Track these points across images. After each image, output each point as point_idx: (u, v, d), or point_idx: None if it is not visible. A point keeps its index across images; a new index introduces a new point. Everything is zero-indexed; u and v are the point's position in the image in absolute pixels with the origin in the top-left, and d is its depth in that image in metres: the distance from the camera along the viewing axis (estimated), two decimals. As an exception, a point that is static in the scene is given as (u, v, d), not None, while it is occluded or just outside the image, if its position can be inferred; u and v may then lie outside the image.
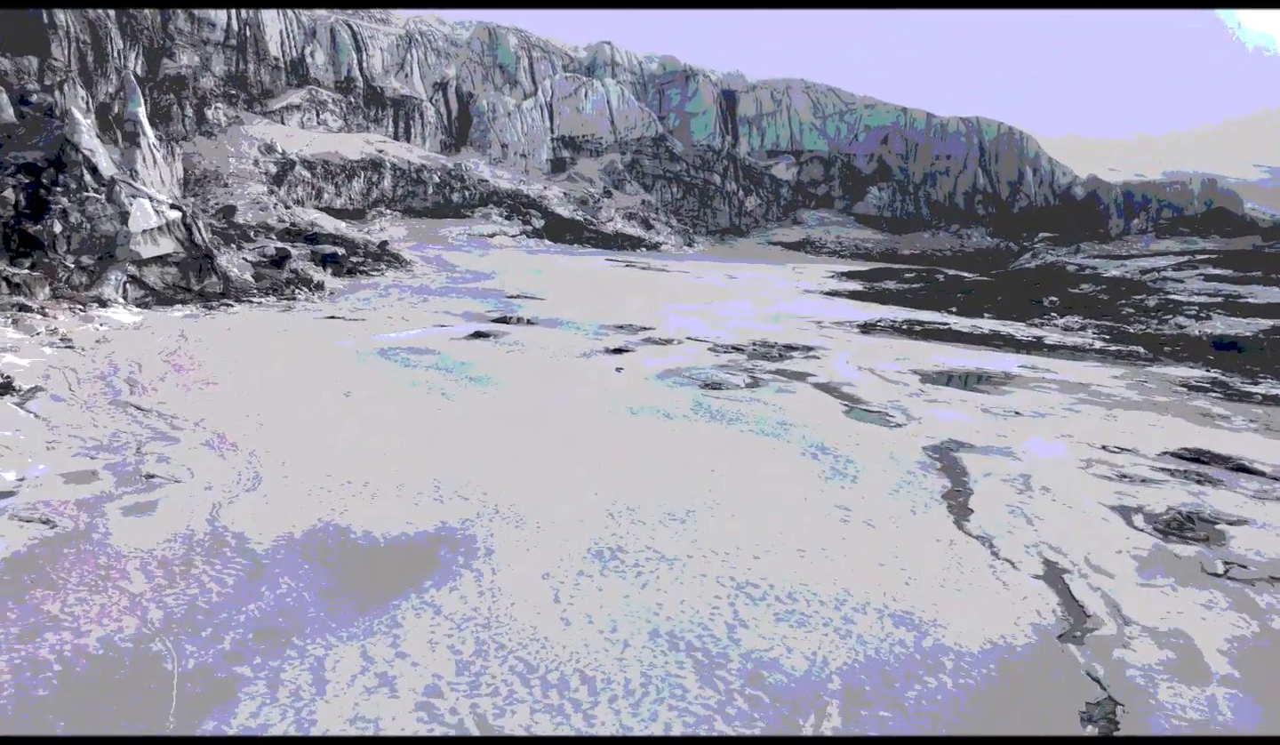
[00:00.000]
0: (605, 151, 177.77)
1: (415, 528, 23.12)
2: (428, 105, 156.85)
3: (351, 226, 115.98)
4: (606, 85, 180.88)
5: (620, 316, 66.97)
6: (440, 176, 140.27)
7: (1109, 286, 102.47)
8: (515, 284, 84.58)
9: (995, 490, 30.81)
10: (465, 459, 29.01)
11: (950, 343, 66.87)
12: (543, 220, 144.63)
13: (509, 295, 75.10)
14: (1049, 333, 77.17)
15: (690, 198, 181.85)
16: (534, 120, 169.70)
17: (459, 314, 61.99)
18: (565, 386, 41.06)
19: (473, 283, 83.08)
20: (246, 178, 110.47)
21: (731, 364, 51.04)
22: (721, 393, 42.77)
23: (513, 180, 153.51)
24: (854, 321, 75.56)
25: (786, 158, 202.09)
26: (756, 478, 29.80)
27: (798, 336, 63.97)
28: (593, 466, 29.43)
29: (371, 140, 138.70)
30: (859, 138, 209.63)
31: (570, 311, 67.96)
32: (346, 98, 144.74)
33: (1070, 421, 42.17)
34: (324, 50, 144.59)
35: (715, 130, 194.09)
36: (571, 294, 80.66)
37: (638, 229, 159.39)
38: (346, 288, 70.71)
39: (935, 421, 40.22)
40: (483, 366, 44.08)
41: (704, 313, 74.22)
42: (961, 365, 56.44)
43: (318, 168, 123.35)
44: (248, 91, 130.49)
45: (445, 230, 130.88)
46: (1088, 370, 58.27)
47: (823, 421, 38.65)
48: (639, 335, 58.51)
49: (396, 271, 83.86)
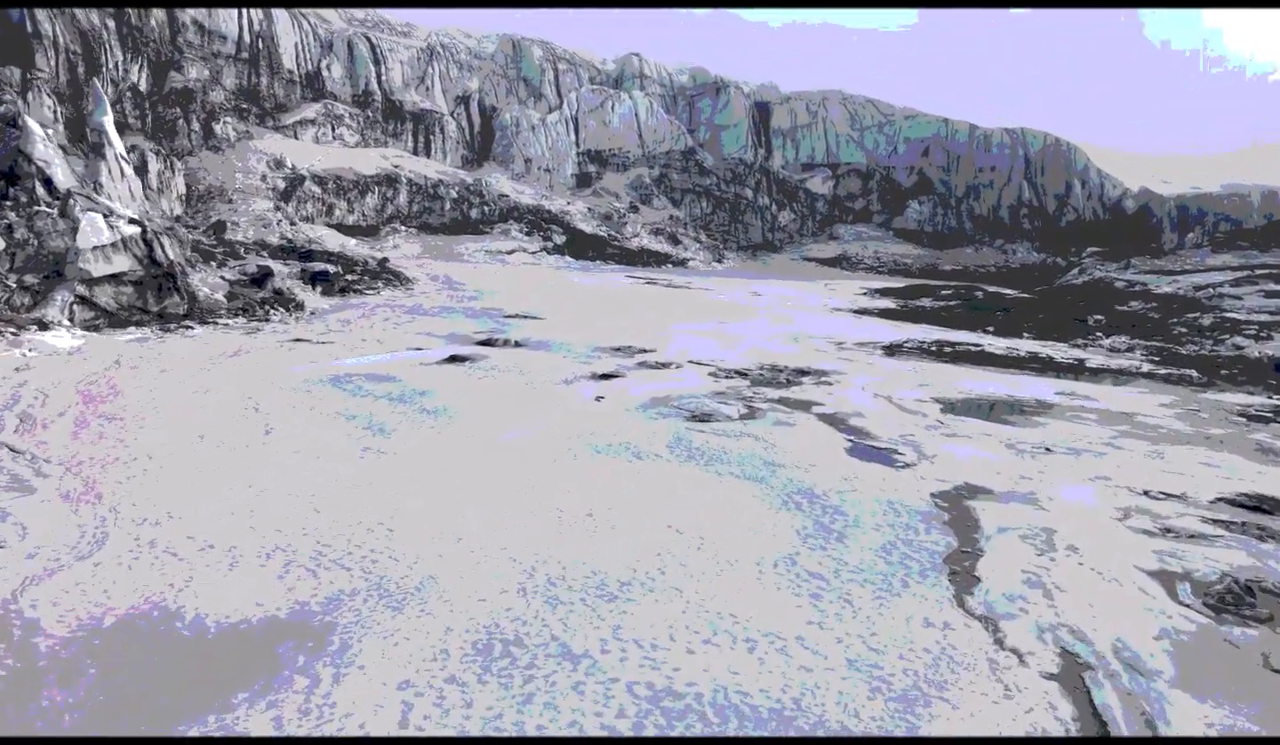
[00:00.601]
0: (632, 166, 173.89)
1: (264, 610, 18.74)
2: (449, 119, 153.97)
3: (363, 243, 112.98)
4: (634, 97, 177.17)
5: (622, 337, 62.59)
6: (458, 192, 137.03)
7: (1160, 304, 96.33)
8: (520, 303, 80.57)
9: (1010, 550, 25.88)
10: (368, 513, 24.65)
11: (982, 366, 61.64)
12: (565, 236, 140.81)
13: (508, 315, 71.04)
14: (1092, 355, 71.57)
15: (721, 212, 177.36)
16: (559, 134, 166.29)
17: (443, 335, 57.91)
18: (528, 420, 36.66)
19: (474, 301, 79.15)
20: (252, 193, 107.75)
21: (730, 391, 46.39)
22: (709, 426, 38.13)
23: (535, 195, 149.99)
24: (879, 342, 70.54)
25: (822, 171, 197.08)
26: (720, 536, 25.14)
27: (813, 359, 59.13)
28: (524, 522, 24.94)
29: (388, 155, 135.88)
30: (898, 150, 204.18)
31: (569, 332, 63.72)
32: (364, 112, 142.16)
33: (1108, 460, 36.99)
34: (341, 63, 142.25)
35: (747, 143, 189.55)
36: (577, 313, 76.47)
37: (664, 245, 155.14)
38: (332, 307, 67.00)
39: (950, 460, 35.28)
40: (444, 396, 39.81)
41: (715, 333, 69.60)
42: (990, 392, 51.28)
43: (329, 183, 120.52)
44: (260, 105, 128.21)
45: (462, 247, 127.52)
46: (1133, 397, 52.84)
47: (819, 461, 33.88)
48: (635, 358, 54.05)
49: (394, 290, 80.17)
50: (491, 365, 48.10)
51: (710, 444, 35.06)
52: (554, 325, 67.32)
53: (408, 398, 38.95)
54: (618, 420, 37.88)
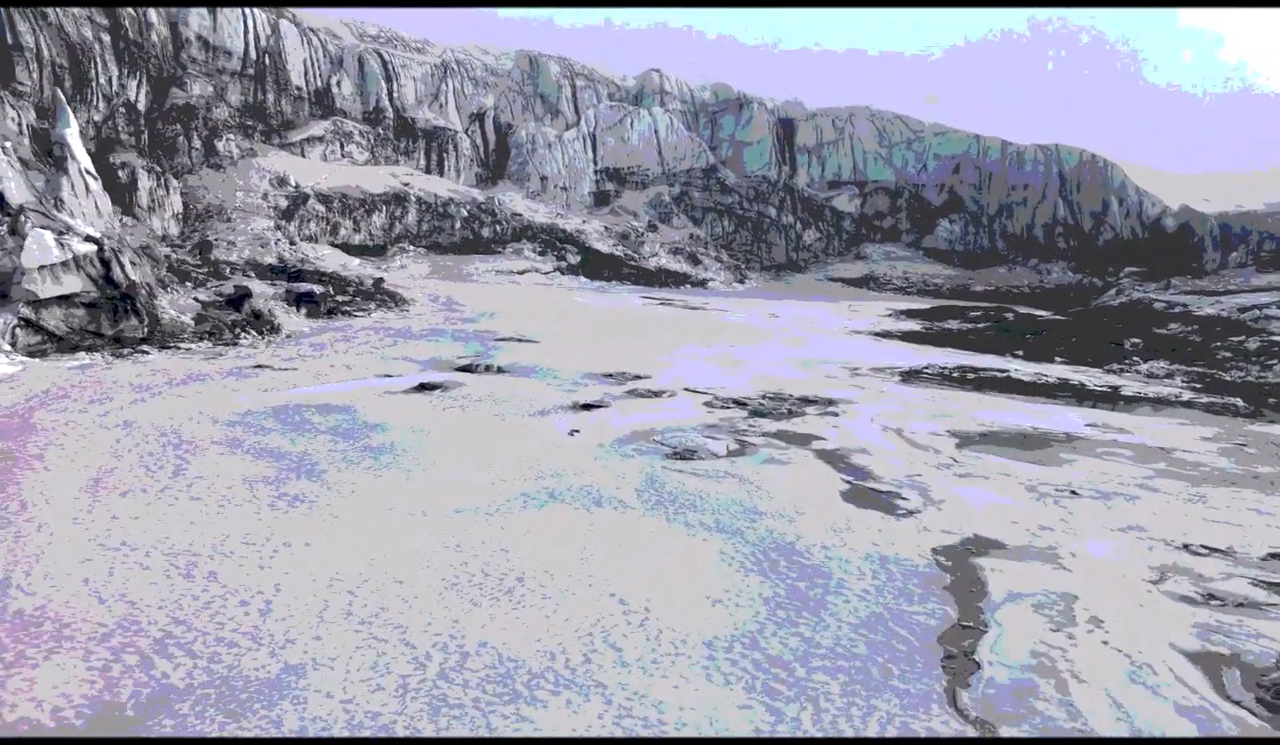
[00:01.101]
0: (652, 183, 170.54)
1: (60, 716, 15.11)
2: (463, 137, 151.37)
3: (368, 263, 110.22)
4: (654, 114, 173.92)
5: (619, 362, 58.85)
6: (469, 210, 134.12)
7: (1201, 326, 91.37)
8: (520, 325, 77.13)
9: (1020, 624, 21.84)
10: (249, 580, 20.99)
11: (1007, 394, 57.34)
12: (579, 256, 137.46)
13: (501, 338, 67.52)
14: (1128, 381, 66.98)
15: (743, 231, 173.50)
16: (576, 151, 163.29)
17: (423, 360, 54.45)
18: (483, 459, 32.98)
19: (470, 323, 75.79)
20: (253, 212, 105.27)
21: (723, 423, 42.49)
22: (690, 465, 34.27)
23: (549, 214, 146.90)
24: (896, 368, 66.36)
25: (849, 189, 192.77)
26: (671, 607, 21.28)
27: (822, 386, 55.10)
28: (437, 592, 21.19)
29: (397, 173, 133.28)
30: (928, 167, 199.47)
31: (563, 356, 60.09)
32: (375, 129, 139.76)
33: (1142, 504, 32.76)
34: (351, 80, 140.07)
35: (771, 160, 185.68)
36: (578, 336, 72.89)
37: (684, 264, 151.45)
38: (312, 330, 63.79)
39: (960, 506, 31.23)
40: (396, 430, 36.21)
41: (721, 357, 65.70)
42: (1014, 424, 47.02)
43: (335, 202, 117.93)
44: (266, 122, 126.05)
45: (472, 266, 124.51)
46: (1171, 429, 48.39)
47: (808, 507, 29.94)
48: (626, 386, 50.29)
49: (387, 311, 76.97)
50: (463, 394, 44.50)
51: (686, 487, 31.21)
52: (548, 349, 63.75)
53: (355, 433, 35.40)
54: (587, 459, 34.10)
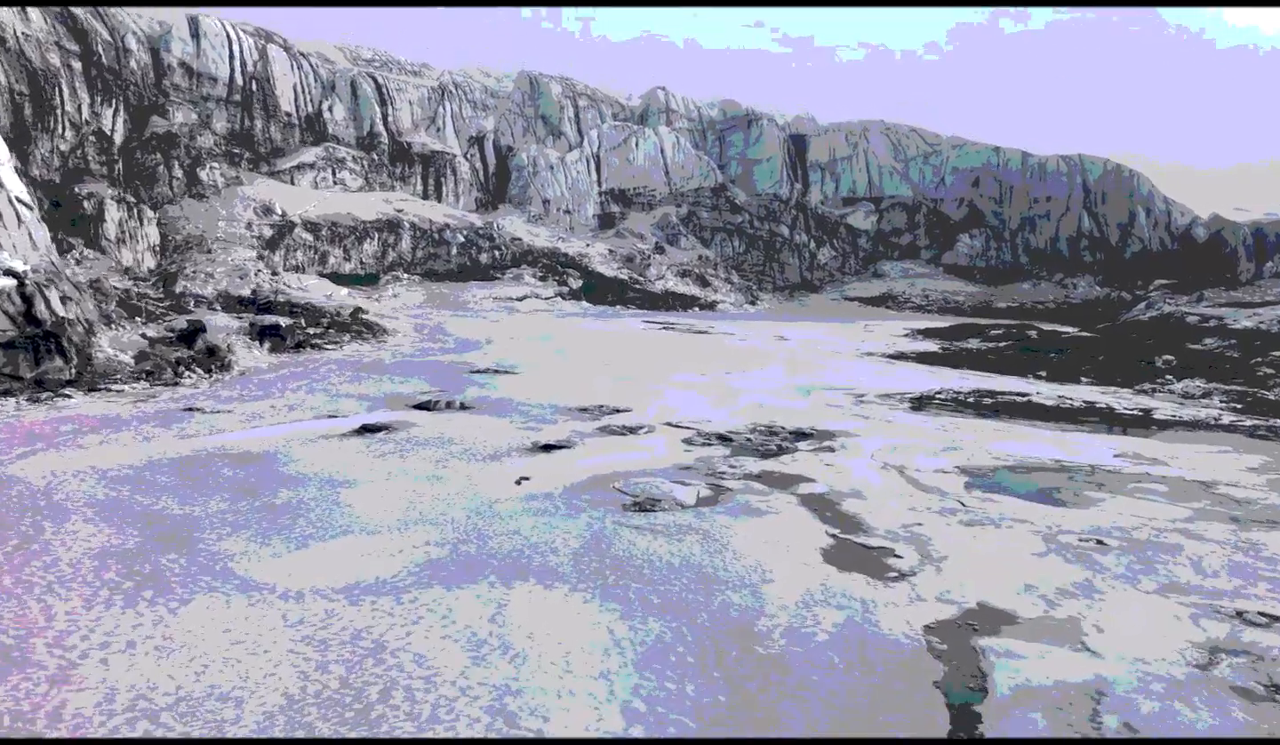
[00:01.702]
0: (659, 204, 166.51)
1: None
2: (462, 161, 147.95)
3: (358, 293, 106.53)
4: (660, 133, 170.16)
5: (601, 394, 54.31)
6: (466, 236, 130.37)
7: (1240, 341, 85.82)
8: (505, 354, 72.81)
9: (1029, 737, 16.94)
10: None
11: (1027, 421, 52.28)
12: (581, 280, 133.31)
13: (478, 370, 63.12)
14: (1161, 403, 61.70)
15: (754, 251, 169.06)
16: (579, 173, 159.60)
17: (380, 397, 50.07)
18: (406, 519, 28.39)
19: (450, 354, 71.49)
20: (235, 242, 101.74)
21: (700, 464, 37.77)
22: (649, 519, 29.56)
23: (551, 238, 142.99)
24: (906, 394, 61.41)
25: (865, 205, 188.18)
26: (576, 730, 16.52)
27: (822, 417, 50.27)
28: (243, 734, 16.54)
29: (390, 199, 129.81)
30: (946, 181, 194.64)
31: (540, 388, 55.60)
32: (369, 155, 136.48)
33: (1183, 556, 27.72)
34: (343, 104, 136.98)
35: (782, 178, 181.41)
36: (565, 364, 68.44)
37: (692, 287, 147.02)
38: (271, 366, 59.59)
39: (965, 563, 26.33)
40: (314, 485, 31.67)
41: (715, 385, 61.00)
42: (1033, 456, 41.99)
43: (323, 230, 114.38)
44: (254, 150, 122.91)
45: (468, 294, 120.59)
46: (1212, 458, 43.19)
47: (779, 571, 25.15)
48: (601, 420, 45.68)
49: (362, 343, 72.80)
50: (409, 438, 39.99)
51: (636, 549, 26.47)
52: (528, 380, 59.28)
53: (262, 488, 30.91)
54: (526, 515, 29.44)
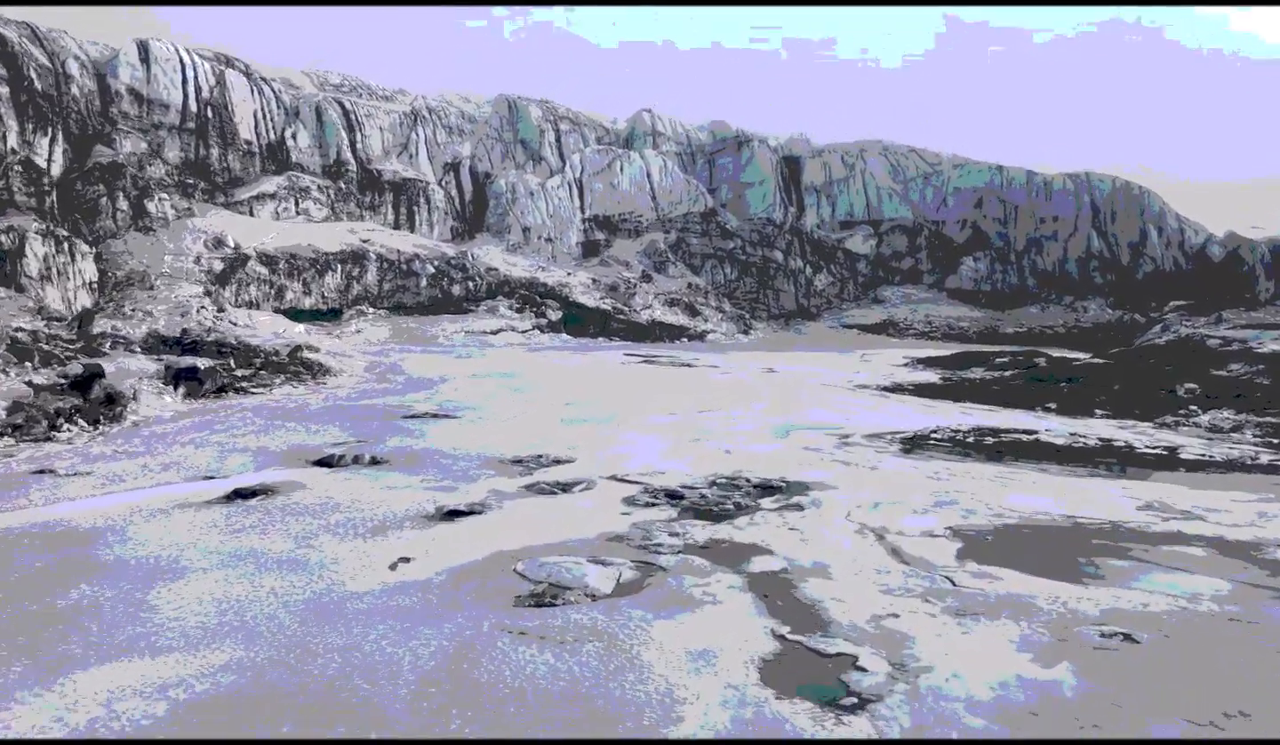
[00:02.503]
0: (646, 231, 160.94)
1: None
2: (436, 188, 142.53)
3: (318, 328, 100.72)
4: (646, 156, 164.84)
5: (548, 440, 48.09)
6: (438, 267, 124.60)
7: (1268, 366, 79.35)
8: (454, 395, 66.70)
9: None
10: None
11: (1035, 464, 45.84)
12: (561, 312, 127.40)
13: (414, 414, 56.91)
14: (1187, 438, 55.20)
15: (747, 278, 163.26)
16: (561, 199, 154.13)
17: (282, 450, 43.82)
18: (219, 625, 21.95)
19: (391, 396, 65.34)
20: (181, 278, 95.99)
21: (637, 531, 31.30)
22: (545, 617, 23.03)
23: (530, 268, 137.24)
24: (898, 433, 55.06)
25: (863, 228, 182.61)
26: None
27: (797, 464, 43.89)
28: None
29: (356, 229, 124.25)
30: (948, 202, 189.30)
31: (479, 435, 49.38)
32: (336, 183, 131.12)
33: (1234, 655, 21.17)
34: (308, 131, 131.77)
35: (776, 201, 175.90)
36: (521, 405, 62.26)
37: (680, 316, 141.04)
38: (176, 415, 53.43)
39: (950, 679, 19.71)
40: (125, 576, 25.27)
41: (682, 426, 54.72)
42: (1042, 511, 35.50)
43: (280, 263, 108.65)
44: (210, 180, 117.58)
45: (438, 328, 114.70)
46: (1253, 507, 36.62)
47: (692, 701, 18.55)
48: (533, 475, 39.32)
49: (297, 385, 66.64)
50: (286, 504, 33.63)
51: (510, 668, 19.95)
52: (467, 426, 53.06)
53: (51, 584, 24.44)
54: (382, 614, 22.97)
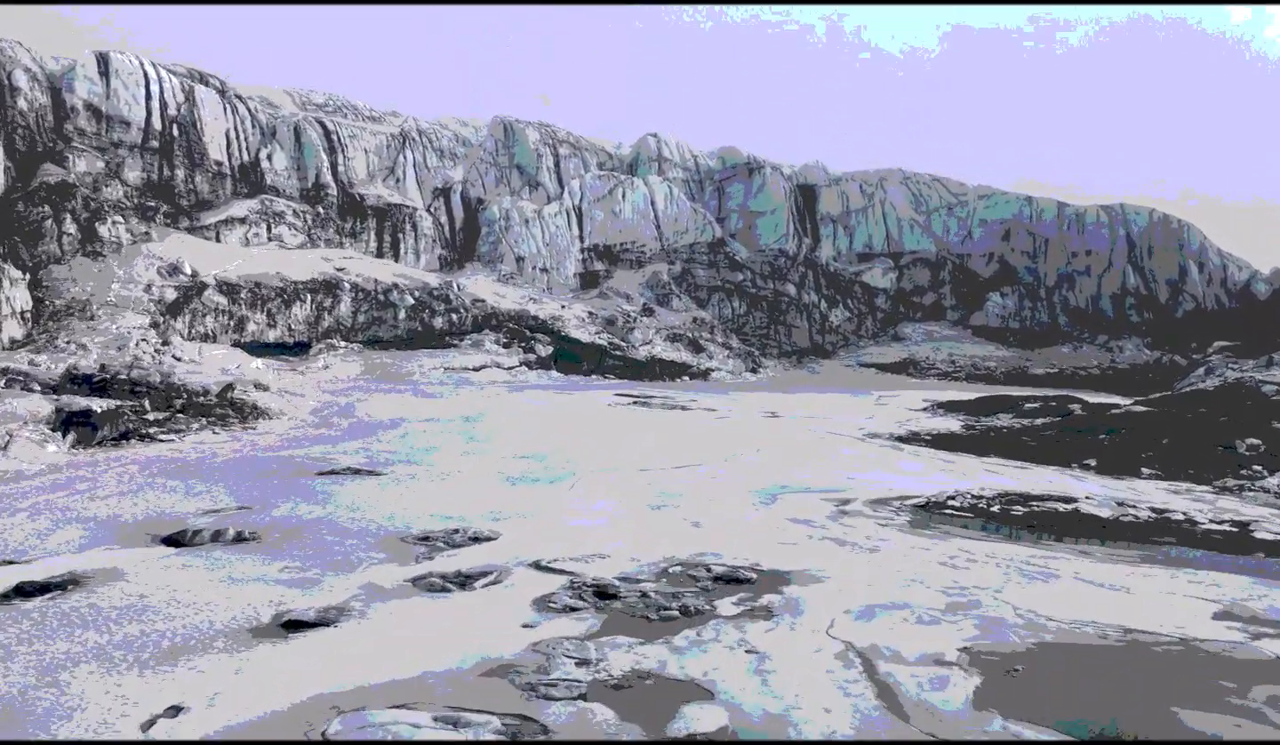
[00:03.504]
0: (649, 261, 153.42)
1: None
2: (423, 215, 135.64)
3: (282, 363, 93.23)
4: (650, 183, 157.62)
5: (477, 506, 40.06)
6: (418, 297, 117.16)
7: (1339, 416, 70.36)
8: (397, 446, 58.78)
9: None
10: None
11: (1076, 545, 37.43)
12: (552, 347, 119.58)
13: (332, 471, 48.81)
14: (1257, 510, 46.44)
15: (757, 313, 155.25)
16: (558, 228, 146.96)
17: (135, 519, 35.93)
18: None
19: (323, 445, 57.43)
20: (127, 307, 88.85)
21: (532, 657, 23.17)
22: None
23: (520, 299, 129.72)
24: (909, 498, 46.66)
25: (882, 261, 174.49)
26: None
27: (779, 542, 35.68)
28: None
29: (331, 257, 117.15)
30: (973, 235, 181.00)
31: (394, 501, 41.31)
32: (314, 208, 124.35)
33: None
34: (285, 152, 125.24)
35: (789, 231, 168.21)
36: (463, 460, 54.20)
37: (683, 353, 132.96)
38: (48, 468, 45.64)
39: None
40: None
41: (648, 489, 46.54)
42: (1087, 620, 27.03)
43: (242, 292, 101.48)
44: (174, 202, 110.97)
45: (415, 363, 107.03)
46: (1374, 620, 28.08)
47: None
48: (435, 560, 31.32)
49: (219, 431, 58.80)
50: (79, 605, 25.71)
51: None
52: (386, 487, 44.98)
53: None
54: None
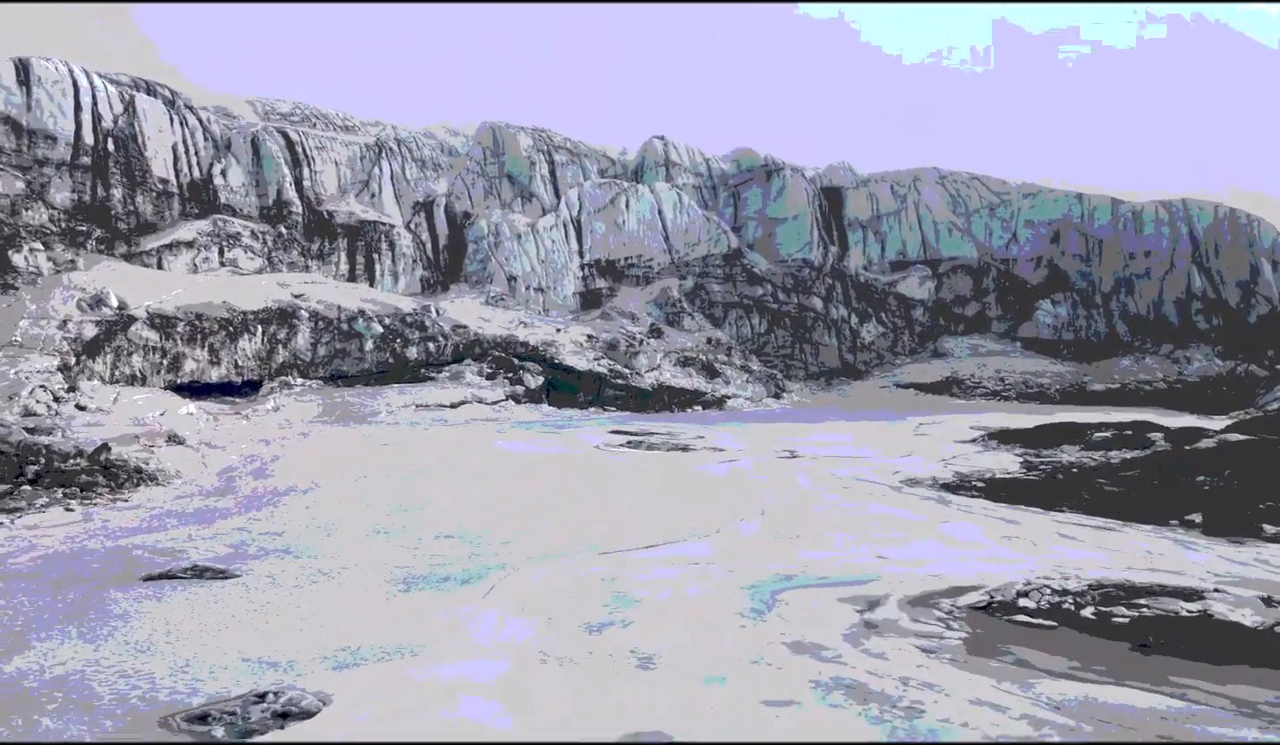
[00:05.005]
0: (657, 277, 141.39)
1: None
2: (402, 232, 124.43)
3: (225, 406, 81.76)
4: (657, 191, 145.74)
5: (343, 635, 27.87)
6: (389, 325, 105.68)
7: None
8: (287, 523, 46.55)
9: None
10: None
11: (1221, 688, 24.45)
12: (542, 377, 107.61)
13: (179, 572, 36.63)
14: None
15: (779, 331, 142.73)
16: (555, 242, 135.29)
17: None
18: None
19: (188, 527, 45.27)
20: (34, 347, 77.82)
21: None
22: None
23: (508, 323, 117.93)
24: (965, 592, 33.77)
25: (918, 270, 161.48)
26: None
27: (763, 705, 23.00)
28: None
29: (288, 282, 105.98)
30: (1018, 237, 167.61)
31: (236, 626, 29.11)
32: (275, 228, 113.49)
33: None
34: (242, 167, 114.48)
35: (813, 239, 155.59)
36: (355, 545, 41.74)
37: (695, 379, 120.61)
38: None
39: None
40: None
41: (596, 594, 33.96)
42: None
43: (179, 326, 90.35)
44: (110, 226, 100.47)
45: (383, 401, 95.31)
46: None
47: None
48: None
49: (77, 507, 46.59)
50: None
51: None
52: (231, 599, 32.76)
53: None
54: None
